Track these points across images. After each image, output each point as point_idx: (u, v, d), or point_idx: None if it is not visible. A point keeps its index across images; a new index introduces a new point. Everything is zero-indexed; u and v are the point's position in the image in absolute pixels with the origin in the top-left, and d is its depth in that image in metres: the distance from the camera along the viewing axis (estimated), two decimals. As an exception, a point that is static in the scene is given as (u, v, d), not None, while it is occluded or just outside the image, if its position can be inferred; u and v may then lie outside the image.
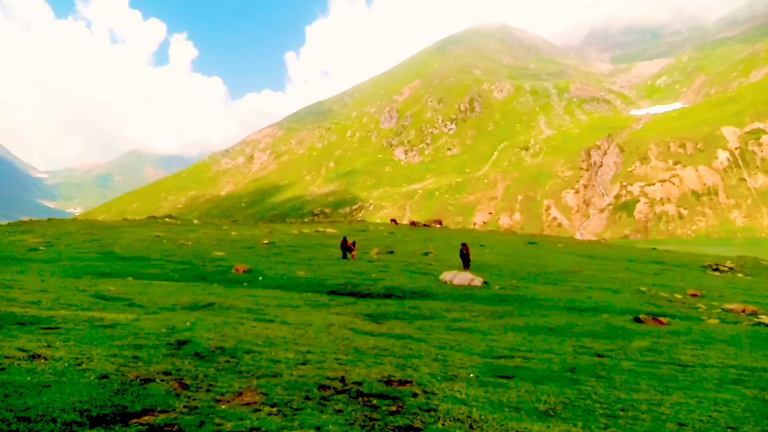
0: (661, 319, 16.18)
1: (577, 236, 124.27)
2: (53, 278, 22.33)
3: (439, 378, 8.00)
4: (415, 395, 6.93)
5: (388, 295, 22.53)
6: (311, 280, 26.30)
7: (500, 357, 10.43)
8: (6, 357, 6.88)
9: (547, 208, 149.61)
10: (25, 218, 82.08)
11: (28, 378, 6.07)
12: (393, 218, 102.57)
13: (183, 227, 60.54)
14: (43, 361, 6.90)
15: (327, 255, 38.20)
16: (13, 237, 45.52)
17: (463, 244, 33.33)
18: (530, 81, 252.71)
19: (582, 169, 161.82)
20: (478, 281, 25.55)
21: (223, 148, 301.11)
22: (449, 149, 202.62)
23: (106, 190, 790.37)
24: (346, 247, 36.87)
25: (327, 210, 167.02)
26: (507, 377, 8.55)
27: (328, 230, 61.18)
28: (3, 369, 6.33)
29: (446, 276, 26.57)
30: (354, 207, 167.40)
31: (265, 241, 45.22)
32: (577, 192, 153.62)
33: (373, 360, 8.90)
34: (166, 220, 75.82)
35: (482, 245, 51.12)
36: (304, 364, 8.09)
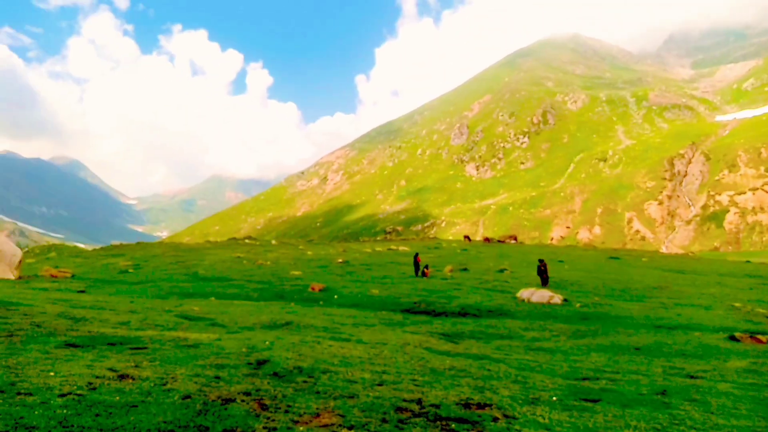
0: (760, 337, 14.98)
1: (663, 249, 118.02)
2: (141, 299, 23.49)
3: (519, 401, 7.71)
4: (496, 419, 6.70)
5: (463, 313, 22.18)
6: (385, 298, 26.33)
7: (584, 379, 9.96)
8: (97, 377, 7.24)
9: (629, 221, 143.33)
10: (116, 242, 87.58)
11: (117, 398, 6.34)
12: (466, 235, 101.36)
13: (262, 248, 62.45)
14: (130, 380, 7.21)
15: (400, 273, 38.20)
16: (106, 260, 48.53)
17: (541, 260, 32.42)
18: (606, 90, 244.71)
19: (665, 179, 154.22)
20: (557, 299, 24.71)
21: (298, 170, 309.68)
22: (522, 163, 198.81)
23: (190, 213, 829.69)
24: (418, 264, 36.72)
25: (399, 228, 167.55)
26: (592, 400, 8.12)
27: (401, 248, 61.28)
28: (94, 388, 6.65)
29: (524, 293, 25.88)
30: (426, 224, 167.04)
31: (340, 260, 45.85)
32: (660, 203, 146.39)
33: (450, 381, 8.71)
34: (246, 241, 78.52)
35: (560, 261, 49.56)
36: (380, 384, 8.02)
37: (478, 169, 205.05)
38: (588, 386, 9.21)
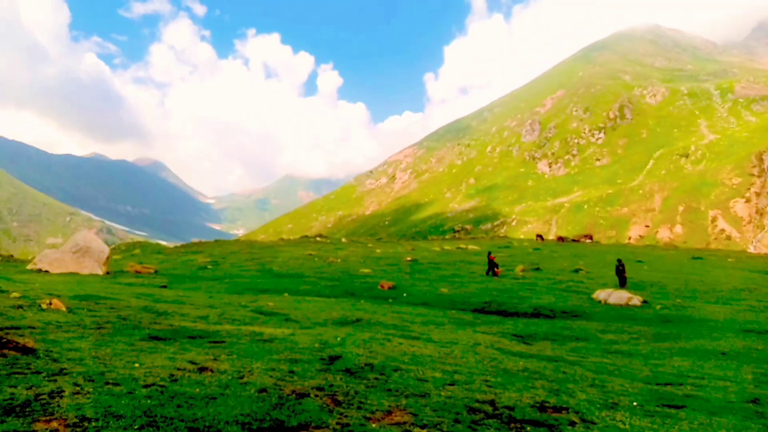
0: None
1: (750, 250, 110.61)
2: (219, 294, 24.39)
3: (597, 405, 7.41)
4: (573, 423, 6.46)
5: (536, 314, 21.64)
6: (455, 297, 26.08)
7: (666, 384, 9.46)
8: (179, 369, 7.54)
9: (713, 220, 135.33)
10: (196, 240, 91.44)
11: (197, 390, 6.57)
12: (538, 233, 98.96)
13: (332, 245, 63.47)
14: (210, 373, 7.46)
15: (469, 272, 37.76)
16: (186, 257, 50.77)
17: (619, 260, 31.17)
18: (687, 83, 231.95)
19: (753, 175, 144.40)
20: (636, 300, 23.66)
21: (367, 169, 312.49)
22: (598, 159, 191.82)
23: (265, 212, 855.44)
24: (493, 263, 36.13)
25: (468, 226, 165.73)
26: (676, 407, 7.69)
27: (470, 247, 60.59)
28: (176, 380, 6.92)
29: (600, 294, 24.95)
30: (496, 223, 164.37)
31: (408, 258, 45.87)
32: (748, 201, 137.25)
33: (524, 383, 8.48)
34: (317, 239, 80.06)
35: (639, 261, 47.51)
36: (451, 384, 7.92)
37: (550, 166, 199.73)
38: (671, 392, 8.74)
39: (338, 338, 11.41)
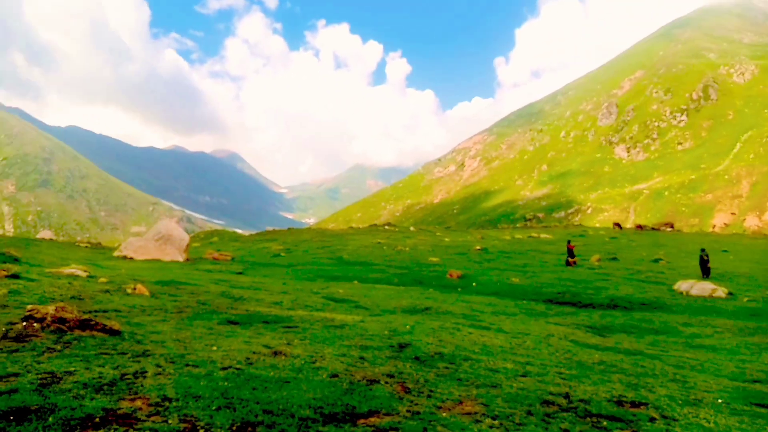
0: None
1: None
2: (292, 281, 25.02)
3: (679, 402, 7.04)
4: (653, 420, 6.17)
5: (612, 305, 20.86)
6: (526, 287, 25.55)
7: (755, 381, 8.88)
8: (254, 352, 7.78)
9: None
10: (270, 228, 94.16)
11: (272, 373, 6.75)
12: (615, 222, 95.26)
13: (401, 234, 63.70)
14: (283, 357, 7.65)
15: (542, 261, 36.88)
16: (261, 245, 52.41)
17: (703, 250, 29.56)
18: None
19: None
20: (721, 292, 22.35)
21: (435, 157, 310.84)
22: (680, 143, 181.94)
23: (335, 201, 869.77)
24: (572, 252, 35.08)
25: (540, 215, 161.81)
26: (767, 406, 7.20)
27: (543, 235, 59.15)
28: (251, 363, 7.15)
29: (682, 285, 23.73)
30: (569, 211, 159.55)
31: (478, 247, 45.34)
32: None
33: (600, 377, 8.19)
34: (386, 227, 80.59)
35: (724, 251, 44.88)
36: (523, 376, 7.76)
37: (628, 151, 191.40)
38: (761, 390, 8.20)
39: (408, 326, 11.43)
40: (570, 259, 34.52)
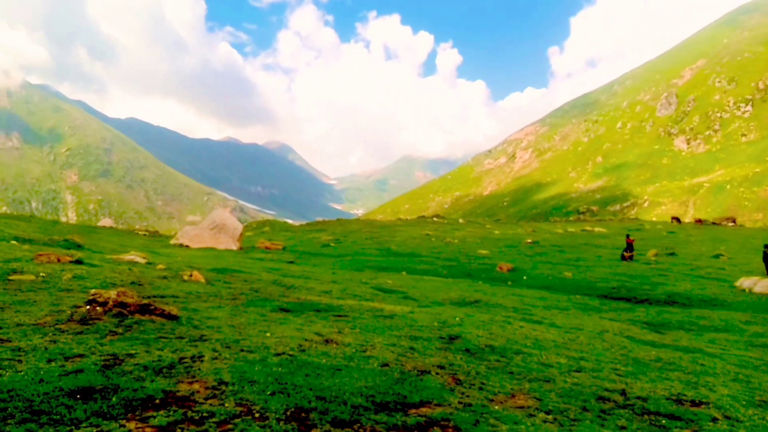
0: None
1: None
2: (341, 271, 25.26)
3: (743, 402, 6.74)
4: (715, 420, 5.93)
5: (670, 301, 20.16)
6: (579, 281, 24.98)
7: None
8: (306, 340, 7.89)
9: None
10: (319, 219, 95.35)
11: (324, 360, 6.83)
12: (674, 216, 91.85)
13: (449, 226, 63.31)
14: (334, 345, 7.73)
15: (596, 255, 35.95)
16: (311, 235, 53.14)
17: (766, 246, 28.13)
18: None
19: None
20: (788, 290, 21.25)
21: (485, 148, 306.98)
22: (744, 135, 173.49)
23: (383, 192, 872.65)
24: (631, 246, 34.07)
25: (594, 208, 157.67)
26: (841, 412, 6.80)
27: (596, 229, 57.62)
28: (303, 350, 7.25)
29: (744, 282, 22.69)
30: (625, 204, 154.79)
31: (529, 240, 44.58)
32: None
33: (657, 374, 7.92)
34: (434, 219, 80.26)
35: (792, 247, 42.56)
36: (578, 371, 7.58)
37: (688, 143, 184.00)
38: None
39: (457, 318, 11.36)
40: (626, 254, 33.53)
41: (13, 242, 20.98)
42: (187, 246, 33.93)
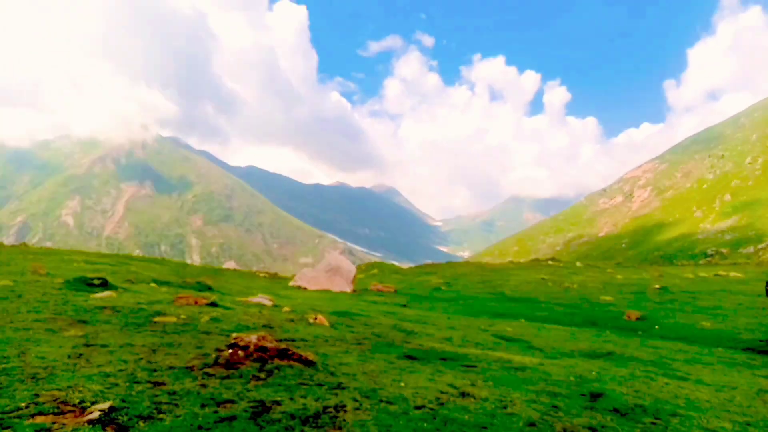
0: None
1: None
2: (456, 316, 24.79)
3: None
4: None
5: (835, 358, 17.70)
6: (719, 332, 22.70)
7: None
8: (441, 392, 7.66)
9: None
10: (427, 261, 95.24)
11: (465, 416, 6.56)
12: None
13: (566, 269, 60.66)
14: (472, 399, 7.44)
15: (736, 303, 32.66)
16: (420, 278, 53.02)
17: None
18: None
19: None
20: None
21: (598, 188, 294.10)
22: None
23: (490, 234, 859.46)
24: None
25: (723, 250, 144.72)
26: None
27: (731, 273, 52.63)
28: (442, 404, 7.03)
29: None
30: (760, 246, 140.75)
31: (656, 286, 41.52)
32: None
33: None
34: (549, 262, 77.35)
35: None
36: (749, 440, 6.74)
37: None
38: None
39: (593, 372, 10.63)
40: (770, 302, 30.20)
41: (153, 284, 22.72)
42: (304, 288, 35.05)
